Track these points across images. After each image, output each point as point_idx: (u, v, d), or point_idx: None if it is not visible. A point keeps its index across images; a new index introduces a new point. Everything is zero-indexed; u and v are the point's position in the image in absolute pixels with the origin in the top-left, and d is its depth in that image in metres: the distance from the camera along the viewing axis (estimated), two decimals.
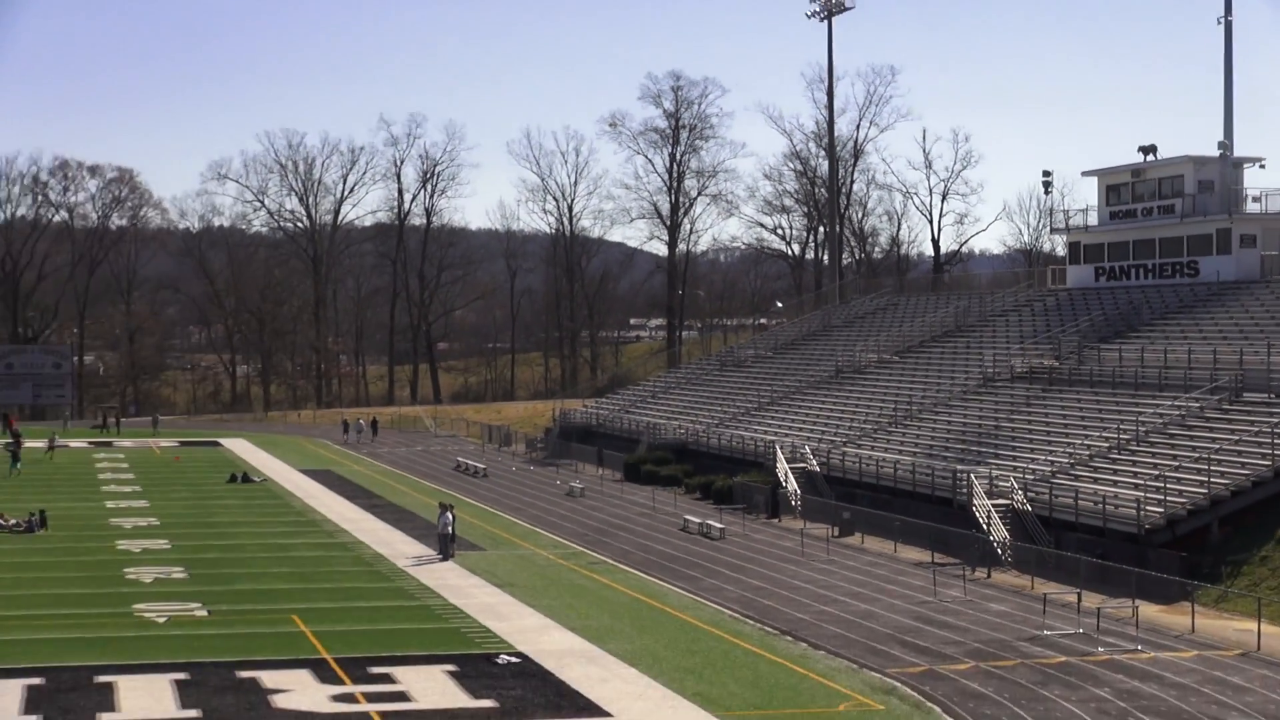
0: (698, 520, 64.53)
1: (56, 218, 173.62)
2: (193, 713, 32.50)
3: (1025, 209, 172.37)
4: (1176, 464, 55.36)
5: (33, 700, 33.55)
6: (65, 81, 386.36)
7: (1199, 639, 40.52)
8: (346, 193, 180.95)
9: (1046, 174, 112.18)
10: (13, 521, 63.96)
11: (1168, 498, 51.35)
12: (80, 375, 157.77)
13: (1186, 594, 44.29)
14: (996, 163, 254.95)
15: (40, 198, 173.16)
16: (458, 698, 34.06)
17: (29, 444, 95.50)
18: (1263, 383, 61.59)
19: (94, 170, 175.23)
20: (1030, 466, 60.58)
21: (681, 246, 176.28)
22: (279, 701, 33.49)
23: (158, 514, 69.32)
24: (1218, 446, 55.97)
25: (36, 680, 35.37)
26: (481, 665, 37.37)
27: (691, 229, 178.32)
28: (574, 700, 33.83)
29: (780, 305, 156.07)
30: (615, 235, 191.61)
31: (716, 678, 35.95)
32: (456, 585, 49.86)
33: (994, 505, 56.19)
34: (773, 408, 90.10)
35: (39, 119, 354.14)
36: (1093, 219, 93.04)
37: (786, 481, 70.40)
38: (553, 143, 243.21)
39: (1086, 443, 61.97)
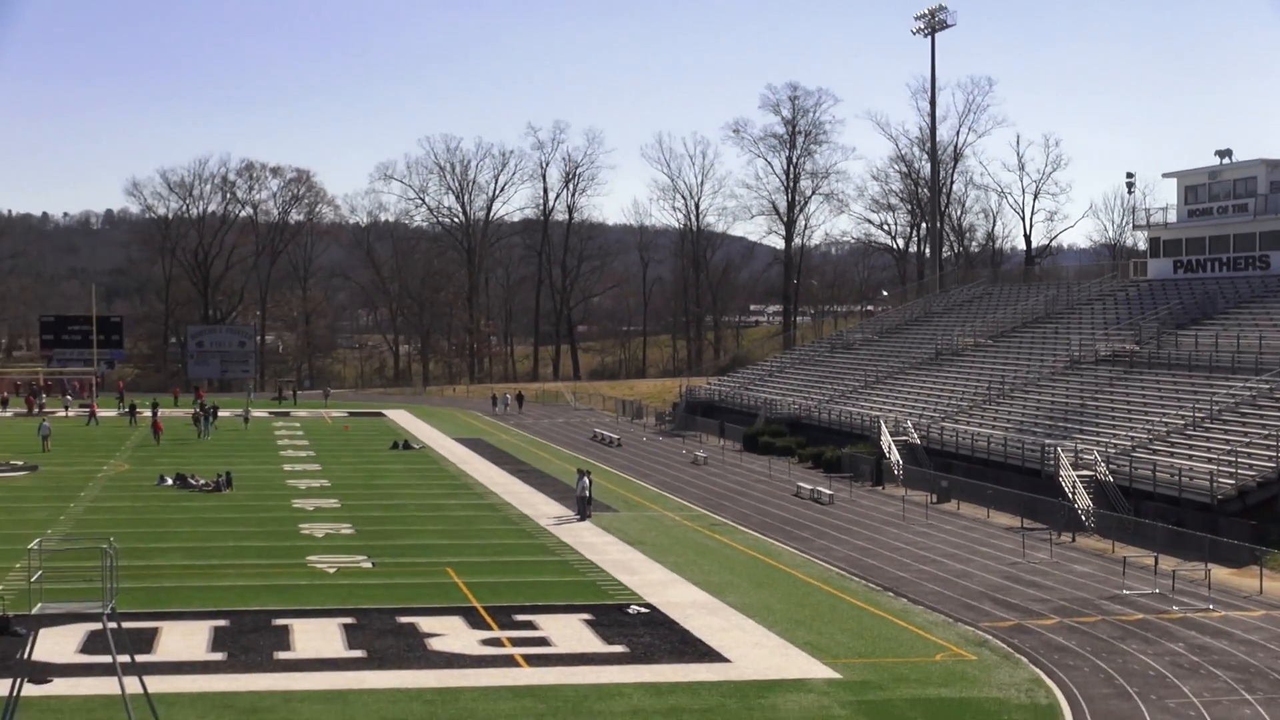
0: (809, 487, 64.23)
1: (243, 213, 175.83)
2: (359, 653, 32.99)
3: (1110, 207, 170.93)
4: (1247, 440, 54.50)
5: (218, 639, 34.19)
6: (251, 93, 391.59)
7: (1266, 600, 39.96)
8: (497, 192, 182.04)
9: (1130, 176, 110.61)
10: (202, 482, 64.97)
11: (1239, 470, 50.69)
12: (262, 352, 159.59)
13: (1255, 559, 43.55)
14: (1084, 165, 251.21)
15: (229, 195, 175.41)
16: (593, 643, 34.29)
17: (222, 413, 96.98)
18: None
19: (275, 171, 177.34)
20: (1112, 441, 59.87)
21: (796, 240, 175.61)
22: (434, 644, 33.92)
23: (329, 476, 70.10)
24: None
25: (222, 622, 36.03)
26: (614, 614, 37.55)
27: (806, 225, 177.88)
28: (696, 647, 33.93)
29: (885, 294, 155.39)
30: (737, 230, 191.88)
31: (825, 629, 35.91)
32: (592, 543, 50.09)
33: (1079, 476, 55.72)
34: (878, 386, 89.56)
35: (229, 126, 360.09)
36: (1172, 216, 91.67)
37: (890, 453, 69.98)
38: (682, 147, 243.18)
39: (1164, 420, 61.16)
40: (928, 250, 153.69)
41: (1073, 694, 29.50)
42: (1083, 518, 53.39)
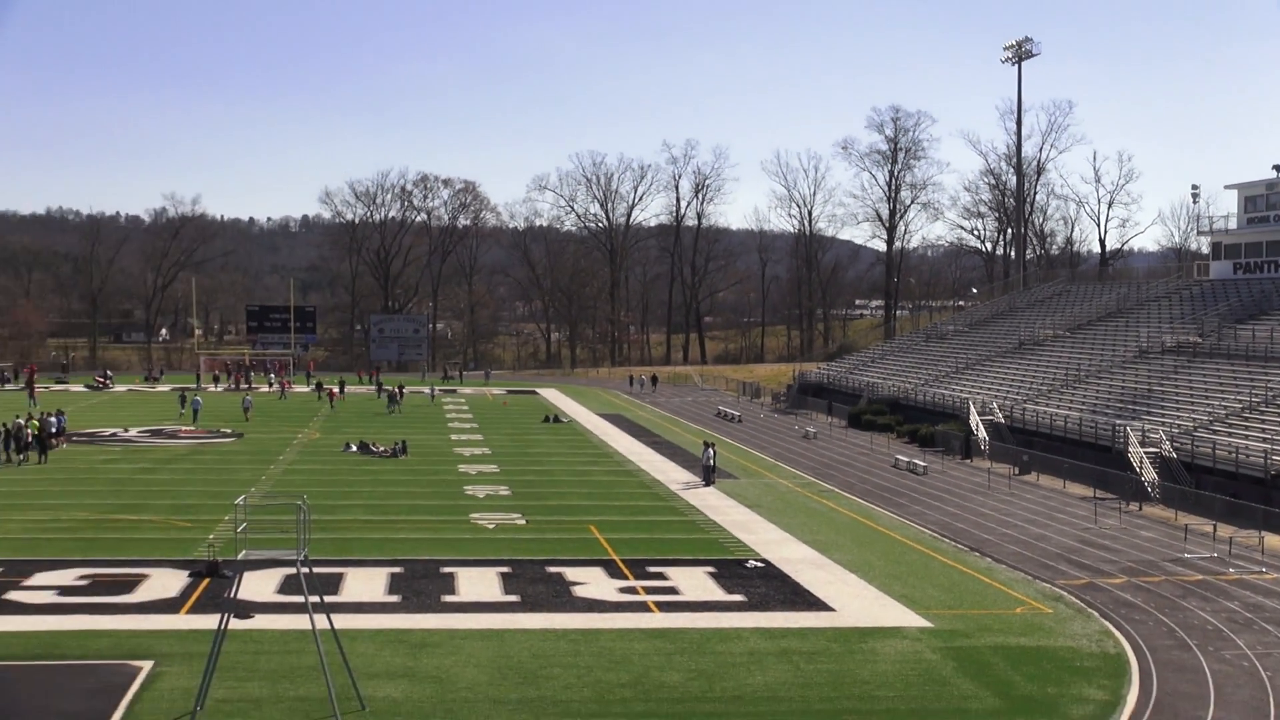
0: (905, 459, 63.80)
1: (418, 218, 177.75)
2: (513, 598, 33.25)
3: (1176, 215, 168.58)
4: None
5: (394, 584, 34.65)
6: (427, 114, 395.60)
7: None
8: (636, 200, 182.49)
9: (1195, 187, 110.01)
10: (382, 449, 65.79)
11: None
12: (433, 338, 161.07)
13: None
14: (1153, 177, 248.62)
15: (406, 203, 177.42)
16: (715, 592, 34.29)
17: (410, 390, 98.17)
18: None
19: (446, 182, 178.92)
20: (1175, 422, 58.80)
21: (897, 244, 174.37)
22: (578, 591, 34.12)
23: (489, 445, 70.46)
24: None
25: (397, 569, 36.45)
26: (734, 568, 37.49)
27: (905, 230, 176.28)
28: (805, 597, 33.83)
29: (975, 291, 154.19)
30: (845, 234, 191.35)
31: (918, 584, 35.64)
32: (715, 505, 49.99)
33: (1145, 453, 54.81)
34: (967, 372, 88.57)
35: (407, 143, 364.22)
36: (1232, 224, 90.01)
37: (977, 430, 69.25)
38: (797, 162, 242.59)
39: (1223, 404, 59.95)
40: (1013, 253, 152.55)
41: (1138, 644, 29.14)
42: (1148, 489, 52.53)
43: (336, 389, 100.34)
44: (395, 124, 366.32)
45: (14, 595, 32.64)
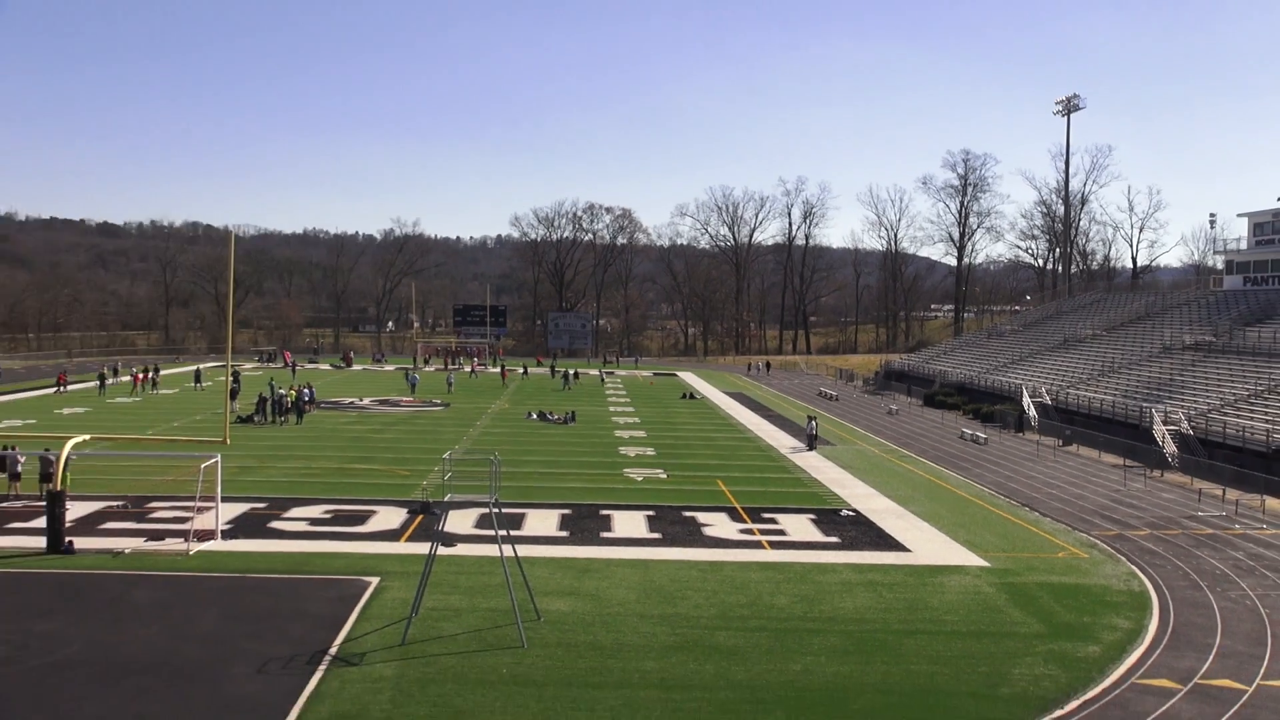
0: (969, 432, 62.78)
1: (586, 238, 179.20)
2: (656, 535, 33.34)
3: (1196, 237, 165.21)
4: None
5: (564, 522, 34.90)
6: (593, 154, 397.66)
7: None
8: (757, 224, 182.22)
9: (1212, 215, 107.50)
10: (557, 417, 66.34)
11: None
12: (596, 331, 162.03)
13: None
14: (1178, 206, 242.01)
15: (577, 226, 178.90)
16: (815, 535, 34.09)
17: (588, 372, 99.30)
18: None
19: (608, 209, 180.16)
20: (1193, 406, 57.18)
21: (965, 260, 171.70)
22: (707, 531, 34.09)
23: (639, 416, 70.70)
24: None
25: (567, 510, 36.72)
26: (831, 516, 37.24)
27: (972, 248, 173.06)
28: (888, 541, 33.50)
29: (1028, 298, 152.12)
30: (923, 252, 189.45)
31: (978, 531, 35.11)
32: (816, 466, 49.61)
33: (1167, 430, 53.55)
34: (1021, 363, 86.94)
35: (578, 177, 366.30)
36: (1243, 245, 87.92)
37: (1028, 409, 68.08)
38: (885, 194, 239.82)
39: (1232, 392, 58.08)
40: (1060, 268, 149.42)
41: (1159, 584, 28.49)
42: (1169, 459, 51.24)
43: (507, 369, 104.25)
44: (569, 162, 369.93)
45: (276, 524, 33.65)
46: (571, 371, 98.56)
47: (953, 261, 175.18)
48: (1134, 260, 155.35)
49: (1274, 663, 22.46)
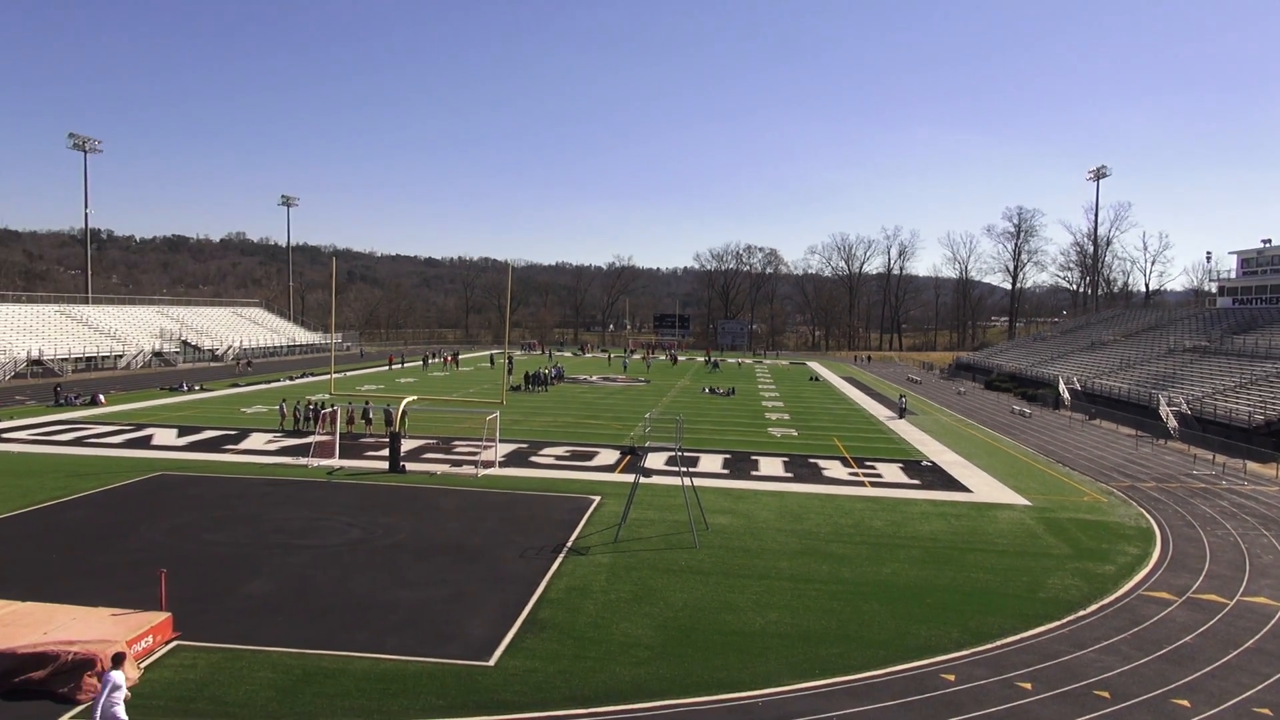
0: (1018, 408, 59.77)
1: (744, 268, 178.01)
2: (789, 475, 32.78)
3: (1196, 268, 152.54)
4: (1272, 395, 47.26)
5: (726, 463, 34.68)
6: (750, 206, 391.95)
7: (1279, 482, 34.77)
8: (865, 259, 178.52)
9: (1209, 252, 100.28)
10: (722, 390, 66.10)
11: (1266, 410, 44.07)
12: (751, 333, 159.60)
13: (1275, 459, 37.87)
14: (1182, 245, 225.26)
15: (738, 260, 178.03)
16: (902, 478, 33.02)
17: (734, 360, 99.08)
18: None
19: (760, 248, 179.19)
20: (1191, 392, 53.00)
21: (1017, 285, 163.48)
22: (825, 473, 33.38)
23: (779, 391, 69.80)
24: None
25: (728, 455, 36.49)
26: (914, 465, 36.02)
27: (1023, 277, 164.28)
28: (955, 484, 32.18)
29: (1064, 313, 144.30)
30: (987, 279, 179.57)
31: (1024, 479, 33.41)
32: (904, 429, 48.01)
33: (1170, 410, 49.88)
34: (1058, 359, 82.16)
35: (741, 220, 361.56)
36: (1233, 275, 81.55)
37: (1063, 393, 64.46)
38: (958, 237, 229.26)
39: (1222, 383, 53.64)
40: (1089, 291, 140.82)
41: (1161, 523, 26.57)
42: (1171, 431, 47.74)
43: (671, 358, 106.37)
44: (733, 213, 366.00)
45: (534, 458, 34.42)
46: (715, 358, 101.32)
47: (1008, 286, 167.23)
48: (1146, 286, 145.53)
49: (1250, 583, 20.73)
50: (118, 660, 12.46)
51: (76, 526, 22.78)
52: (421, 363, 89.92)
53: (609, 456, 35.29)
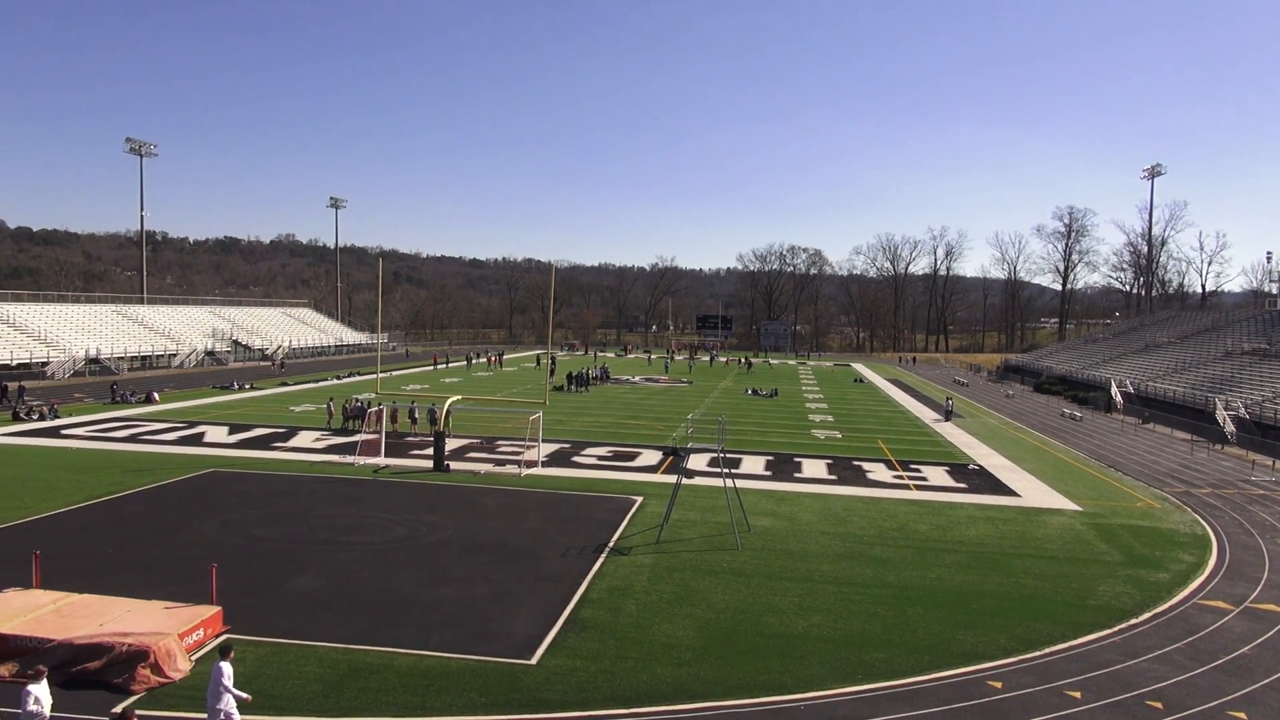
0: (1069, 411, 58.64)
1: (788, 269, 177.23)
2: (833, 477, 32.48)
3: (1255, 269, 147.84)
4: None
5: (768, 465, 34.45)
6: (795, 208, 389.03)
7: None
8: (910, 260, 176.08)
9: (1269, 253, 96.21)
10: (764, 391, 65.81)
11: None
12: (794, 335, 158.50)
13: None
14: (1239, 244, 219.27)
15: (782, 260, 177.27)
16: (948, 481, 32.54)
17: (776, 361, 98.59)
18: None
19: (804, 249, 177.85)
20: (1249, 396, 51.53)
21: (1068, 285, 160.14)
22: (869, 475, 33.00)
23: (822, 392, 69.26)
24: None
25: (770, 457, 36.27)
26: (961, 469, 35.49)
27: (1074, 277, 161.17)
28: (1003, 488, 31.65)
29: (1117, 314, 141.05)
30: (1036, 280, 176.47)
31: (1074, 484, 32.75)
32: (951, 432, 47.39)
33: (1227, 413, 48.57)
34: (1111, 362, 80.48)
35: (782, 223, 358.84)
36: None
37: (1115, 395, 63.07)
38: (1008, 238, 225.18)
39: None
40: (1143, 292, 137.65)
41: (1217, 530, 25.87)
42: (1228, 436, 46.44)
43: (710, 359, 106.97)
44: (777, 214, 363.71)
45: (576, 458, 34.54)
46: (747, 359, 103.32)
47: (1058, 287, 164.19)
48: (1203, 287, 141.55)
49: None
50: (224, 651, 12.75)
51: (131, 521, 23.36)
52: (465, 362, 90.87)
53: (651, 457, 35.27)
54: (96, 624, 14.88)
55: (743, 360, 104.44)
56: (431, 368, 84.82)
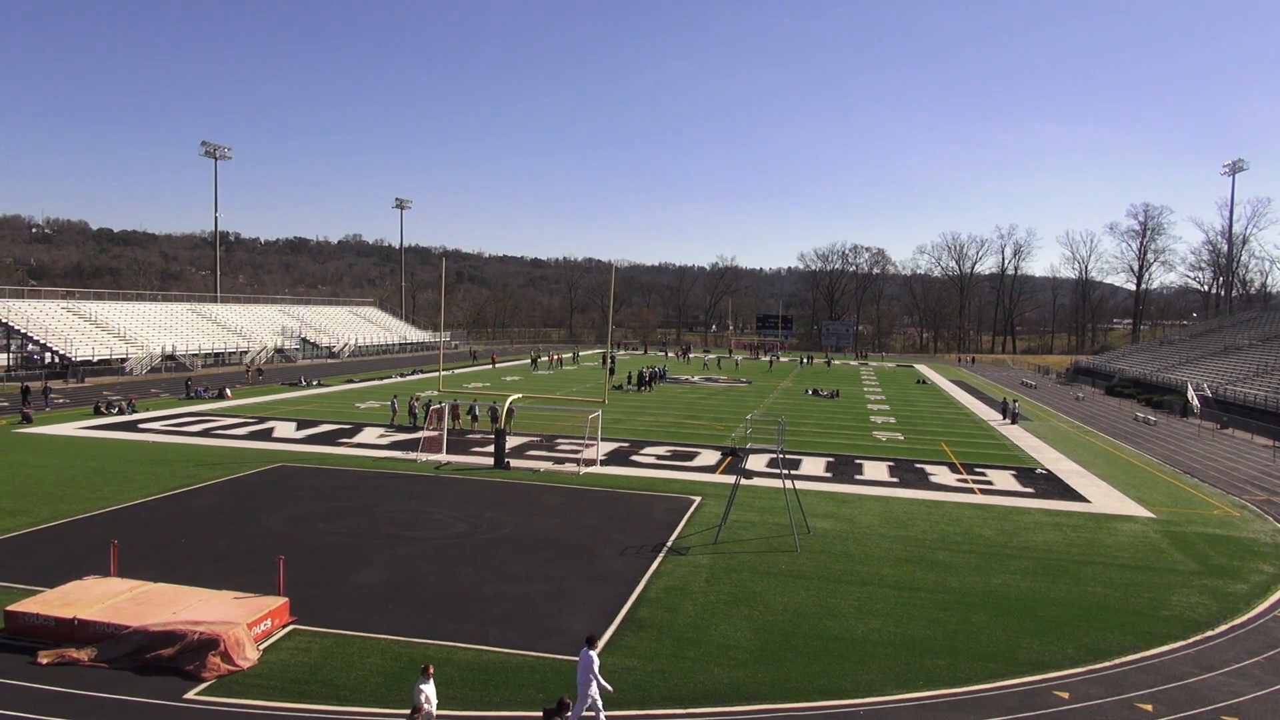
0: (1142, 415, 56.75)
1: (851, 269, 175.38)
2: (895, 480, 32.01)
3: None
4: None
5: (829, 466, 34.14)
6: (860, 207, 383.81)
7: None
8: (977, 259, 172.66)
9: None
10: (826, 393, 65.09)
11: None
12: (856, 335, 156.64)
13: None
14: None
15: (845, 260, 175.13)
16: (1015, 486, 31.81)
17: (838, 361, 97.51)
18: None
19: (866, 248, 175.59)
20: None
21: (1143, 285, 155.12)
22: (932, 479, 32.45)
23: (884, 393, 68.31)
24: None
25: (830, 459, 35.94)
26: (1028, 473, 34.65)
27: (1149, 277, 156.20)
28: (1072, 493, 30.83)
29: (1194, 315, 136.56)
30: (1108, 279, 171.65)
31: (1148, 491, 31.73)
32: (1017, 434, 46.30)
33: None
34: (1187, 364, 77.70)
35: (846, 221, 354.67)
36: None
37: (1192, 399, 60.88)
38: (1079, 236, 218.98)
39: None
40: (1223, 292, 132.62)
41: None
42: None
43: (771, 358, 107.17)
44: (840, 211, 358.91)
45: (635, 457, 34.65)
46: (805, 358, 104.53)
47: (1131, 287, 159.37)
48: None
49: None
50: (591, 641, 13.20)
51: (203, 513, 24.11)
52: (529, 361, 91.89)
53: (710, 457, 35.18)
54: (170, 612, 15.41)
55: (802, 360, 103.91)
56: (490, 366, 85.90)
